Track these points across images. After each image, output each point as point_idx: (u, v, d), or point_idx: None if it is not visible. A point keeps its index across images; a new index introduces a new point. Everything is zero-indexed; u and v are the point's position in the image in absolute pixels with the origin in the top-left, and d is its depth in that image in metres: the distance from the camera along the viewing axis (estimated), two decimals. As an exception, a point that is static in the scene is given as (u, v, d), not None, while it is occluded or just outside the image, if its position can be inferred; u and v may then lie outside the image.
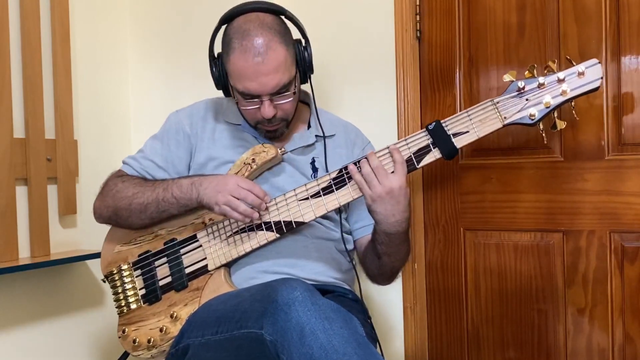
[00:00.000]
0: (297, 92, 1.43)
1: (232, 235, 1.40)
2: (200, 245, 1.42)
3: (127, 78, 2.17)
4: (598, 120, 1.62)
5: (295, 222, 1.37)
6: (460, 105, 1.77)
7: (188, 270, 1.41)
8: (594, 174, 1.63)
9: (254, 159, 1.42)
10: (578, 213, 1.65)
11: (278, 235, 1.38)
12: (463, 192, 1.78)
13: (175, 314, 1.39)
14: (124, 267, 1.46)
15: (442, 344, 1.83)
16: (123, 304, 1.45)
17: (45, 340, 1.84)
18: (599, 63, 1.27)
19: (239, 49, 1.34)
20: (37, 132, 1.78)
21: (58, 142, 1.86)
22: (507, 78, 1.30)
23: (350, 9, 1.86)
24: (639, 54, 1.58)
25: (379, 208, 1.31)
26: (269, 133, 1.45)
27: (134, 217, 1.43)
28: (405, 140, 1.34)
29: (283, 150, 1.46)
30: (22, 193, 1.76)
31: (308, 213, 1.36)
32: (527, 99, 1.30)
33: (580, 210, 1.64)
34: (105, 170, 1.55)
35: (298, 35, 1.45)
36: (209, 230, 1.42)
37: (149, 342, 1.39)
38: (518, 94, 1.30)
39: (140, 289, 1.44)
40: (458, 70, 1.78)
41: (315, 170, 1.48)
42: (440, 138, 1.32)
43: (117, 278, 1.46)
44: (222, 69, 1.42)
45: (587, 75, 1.27)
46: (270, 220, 1.38)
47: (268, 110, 1.38)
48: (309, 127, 1.54)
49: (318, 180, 1.36)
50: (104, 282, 1.49)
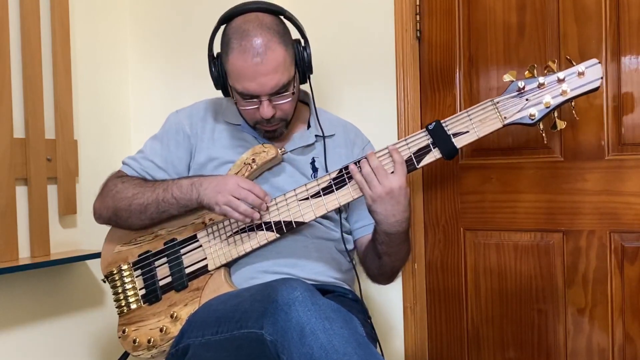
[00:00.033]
0: (296, 92, 1.42)
1: (232, 235, 1.40)
2: (201, 245, 1.42)
3: (127, 78, 2.17)
4: (598, 120, 1.62)
5: (295, 222, 1.37)
6: (460, 105, 1.77)
7: (188, 270, 1.41)
8: (594, 174, 1.63)
9: (254, 159, 1.42)
10: (578, 213, 1.65)
11: (278, 235, 1.38)
12: (463, 192, 1.78)
13: (176, 314, 1.39)
14: (124, 267, 1.45)
15: (442, 344, 1.83)
16: (123, 304, 1.45)
17: (45, 340, 1.84)
18: (599, 63, 1.27)
19: (238, 49, 1.34)
20: (37, 132, 1.78)
21: (58, 142, 1.85)
22: (507, 78, 1.30)
23: (350, 9, 1.86)
24: (639, 54, 1.58)
25: (379, 208, 1.31)
26: (268, 133, 1.45)
27: (134, 217, 1.43)
28: (405, 140, 1.34)
29: (283, 150, 1.46)
30: (22, 193, 1.76)
31: (308, 213, 1.36)
32: (527, 99, 1.30)
33: (580, 210, 1.64)
34: (105, 170, 1.55)
35: (297, 35, 1.45)
36: (209, 230, 1.42)
37: (149, 342, 1.39)
38: (518, 94, 1.30)
39: (141, 289, 1.44)
40: (458, 70, 1.78)
41: (315, 170, 1.48)
42: (440, 138, 1.32)
43: (117, 278, 1.46)
44: (221, 69, 1.42)
45: (587, 75, 1.27)
46: (270, 220, 1.38)
47: (267, 111, 1.38)
48: (309, 127, 1.54)
49: (318, 180, 1.36)
50: (104, 282, 1.49)
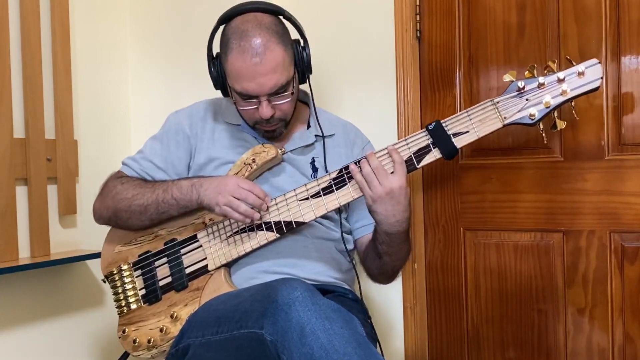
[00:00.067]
0: (295, 92, 1.42)
1: (232, 235, 1.40)
2: (201, 246, 1.42)
3: (127, 78, 2.17)
4: (598, 120, 1.62)
5: (296, 222, 1.37)
6: (460, 105, 1.77)
7: (188, 271, 1.41)
8: (594, 174, 1.63)
9: (254, 159, 1.42)
10: (578, 213, 1.65)
11: (278, 235, 1.38)
12: (463, 192, 1.78)
13: (176, 314, 1.39)
14: (124, 267, 1.45)
15: (442, 344, 1.83)
16: (123, 304, 1.45)
17: (45, 340, 1.84)
18: (599, 63, 1.27)
19: (237, 50, 1.34)
20: (37, 132, 1.78)
21: (58, 142, 1.85)
22: (507, 78, 1.30)
23: (350, 9, 1.86)
24: (639, 54, 1.58)
25: (380, 208, 1.31)
26: (268, 133, 1.45)
27: (134, 218, 1.43)
28: (405, 140, 1.33)
29: (283, 150, 1.46)
30: (22, 193, 1.76)
31: (308, 213, 1.36)
32: (527, 99, 1.30)
33: (580, 210, 1.64)
34: (105, 170, 1.55)
35: (296, 35, 1.44)
36: (209, 231, 1.42)
37: (149, 342, 1.39)
38: (518, 94, 1.30)
39: (141, 289, 1.44)
40: (458, 70, 1.78)
41: (315, 170, 1.48)
42: (440, 138, 1.31)
43: (117, 278, 1.46)
44: (220, 69, 1.42)
45: (587, 75, 1.27)
46: (271, 220, 1.38)
47: (266, 111, 1.38)
48: (308, 126, 1.54)
49: (318, 180, 1.36)
50: (104, 282, 1.49)
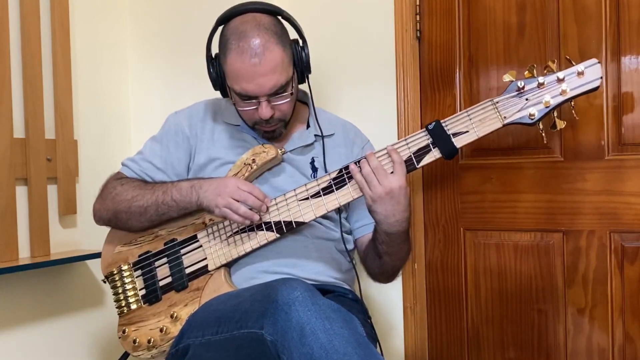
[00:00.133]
0: (294, 92, 1.42)
1: (232, 236, 1.40)
2: (201, 246, 1.42)
3: (127, 78, 2.17)
4: (598, 120, 1.62)
5: (295, 222, 1.37)
6: (460, 105, 1.77)
7: (188, 271, 1.41)
8: (594, 174, 1.63)
9: (254, 160, 1.42)
10: (578, 213, 1.65)
11: (278, 235, 1.38)
12: (463, 192, 1.78)
13: (176, 314, 1.39)
14: (124, 267, 1.45)
15: (442, 344, 1.83)
16: (123, 304, 1.45)
17: (45, 340, 1.84)
18: (599, 63, 1.27)
19: (236, 50, 1.34)
20: (37, 132, 1.78)
21: (58, 142, 1.85)
22: (506, 78, 1.30)
23: (350, 9, 1.86)
24: (639, 54, 1.58)
25: (380, 208, 1.31)
26: (267, 133, 1.45)
27: (134, 220, 1.43)
28: (405, 140, 1.33)
29: (283, 151, 1.46)
30: (22, 193, 1.75)
31: (308, 213, 1.36)
32: (526, 99, 1.30)
33: (580, 210, 1.64)
34: (105, 171, 1.55)
35: (295, 36, 1.44)
36: (209, 231, 1.42)
37: (149, 342, 1.39)
38: (518, 94, 1.30)
39: (141, 289, 1.44)
40: (458, 70, 1.78)
41: (315, 170, 1.48)
42: (440, 138, 1.31)
43: (117, 278, 1.46)
44: (219, 70, 1.42)
45: (586, 75, 1.27)
46: (270, 220, 1.38)
47: (265, 111, 1.38)
48: (308, 126, 1.54)
49: (318, 180, 1.36)
50: (105, 282, 1.49)
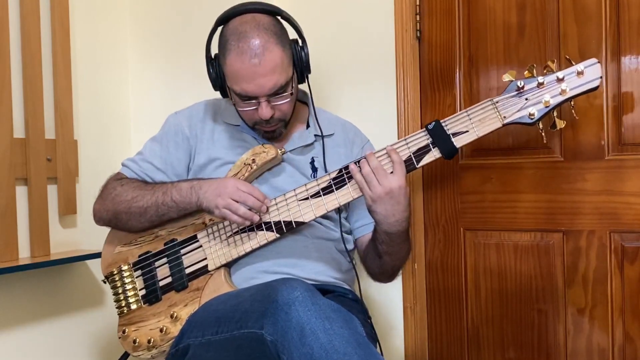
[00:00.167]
0: (294, 92, 1.42)
1: (232, 236, 1.40)
2: (201, 246, 1.42)
3: (127, 78, 2.17)
4: (598, 120, 1.62)
5: (295, 222, 1.37)
6: (460, 105, 1.77)
7: (188, 271, 1.41)
8: (594, 174, 1.63)
9: (254, 160, 1.42)
10: (578, 213, 1.65)
11: (278, 235, 1.38)
12: (463, 192, 1.78)
13: (176, 314, 1.39)
14: (124, 267, 1.45)
15: (442, 344, 1.83)
16: (123, 305, 1.45)
17: (45, 340, 1.84)
18: (598, 62, 1.27)
19: (236, 51, 1.34)
20: (37, 132, 1.78)
21: (58, 142, 1.85)
22: (506, 78, 1.30)
23: (350, 9, 1.86)
24: (639, 54, 1.58)
25: (379, 208, 1.31)
26: (267, 134, 1.45)
27: (134, 220, 1.43)
28: (405, 140, 1.33)
29: (283, 151, 1.46)
30: (22, 193, 1.75)
31: (308, 213, 1.36)
32: (526, 99, 1.30)
33: (580, 210, 1.64)
34: (105, 171, 1.55)
35: (295, 36, 1.44)
36: (209, 231, 1.42)
37: (149, 342, 1.39)
38: (517, 94, 1.30)
39: (141, 290, 1.44)
40: (458, 70, 1.78)
41: (315, 170, 1.48)
42: (440, 138, 1.31)
43: (117, 279, 1.46)
44: (219, 71, 1.42)
45: (586, 75, 1.27)
46: (270, 221, 1.38)
47: (265, 111, 1.38)
48: (308, 126, 1.54)
49: (318, 180, 1.36)
50: (105, 282, 1.50)
